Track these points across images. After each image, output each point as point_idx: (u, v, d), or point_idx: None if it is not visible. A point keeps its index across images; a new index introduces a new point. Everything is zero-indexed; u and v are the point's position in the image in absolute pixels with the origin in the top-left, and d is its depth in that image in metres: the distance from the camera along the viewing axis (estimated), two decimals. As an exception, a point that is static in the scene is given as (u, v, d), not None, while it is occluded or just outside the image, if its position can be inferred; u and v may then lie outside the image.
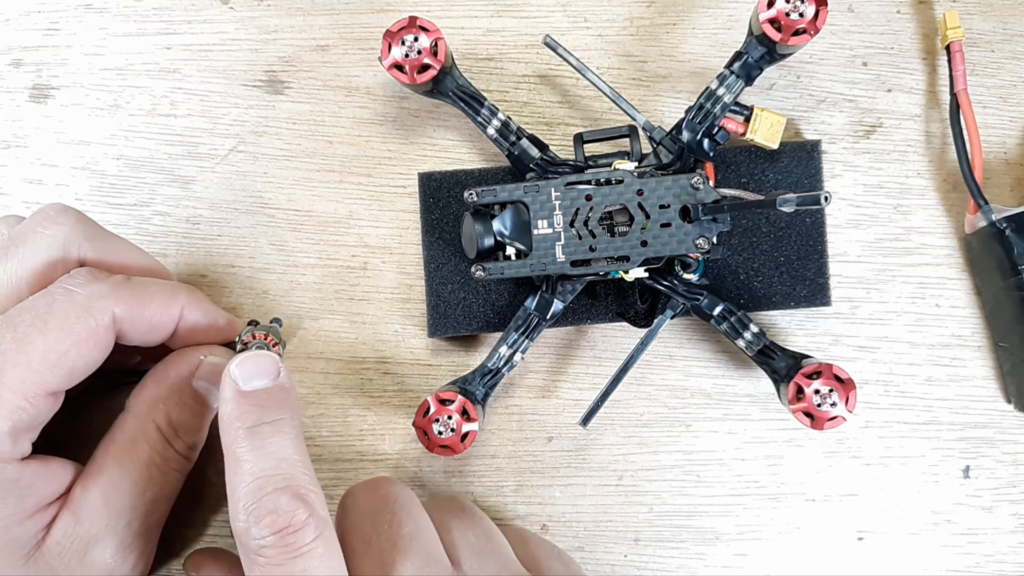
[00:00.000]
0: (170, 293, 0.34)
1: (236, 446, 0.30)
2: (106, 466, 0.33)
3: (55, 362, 0.30)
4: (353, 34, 0.40)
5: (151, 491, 0.33)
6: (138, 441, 0.33)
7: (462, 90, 0.37)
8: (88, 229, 0.34)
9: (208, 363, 0.35)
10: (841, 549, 0.40)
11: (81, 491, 0.32)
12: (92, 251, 0.33)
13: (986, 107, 0.40)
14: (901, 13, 0.40)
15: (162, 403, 0.34)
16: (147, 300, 0.32)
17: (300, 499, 0.29)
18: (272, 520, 0.28)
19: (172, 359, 0.35)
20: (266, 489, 0.29)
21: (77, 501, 0.32)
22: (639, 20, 0.40)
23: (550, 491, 0.40)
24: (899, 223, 0.40)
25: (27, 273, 0.32)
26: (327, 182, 0.40)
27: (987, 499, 0.39)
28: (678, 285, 0.36)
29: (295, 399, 0.33)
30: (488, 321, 0.39)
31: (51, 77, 0.41)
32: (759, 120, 0.36)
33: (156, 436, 0.34)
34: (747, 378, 0.40)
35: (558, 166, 0.37)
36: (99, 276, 0.32)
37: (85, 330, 0.30)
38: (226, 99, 0.41)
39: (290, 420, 0.31)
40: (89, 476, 0.32)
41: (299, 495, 0.29)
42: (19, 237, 0.33)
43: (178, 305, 0.34)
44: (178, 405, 0.34)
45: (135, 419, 0.34)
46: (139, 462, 0.33)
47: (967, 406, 0.40)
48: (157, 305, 0.33)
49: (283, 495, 0.29)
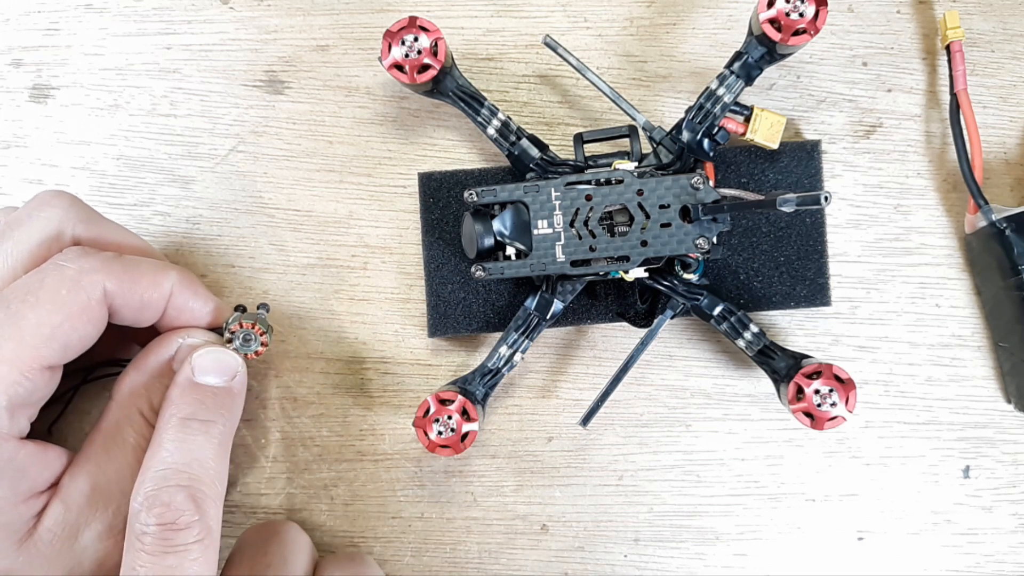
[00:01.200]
0: (161, 271, 0.34)
1: (163, 431, 0.32)
2: (92, 454, 0.33)
3: (48, 335, 0.30)
4: (353, 34, 0.40)
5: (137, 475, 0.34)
6: (123, 427, 0.34)
7: (462, 90, 0.37)
8: (82, 212, 0.34)
9: (186, 346, 0.35)
10: (841, 549, 0.40)
11: (69, 479, 0.33)
12: (86, 231, 0.34)
13: (986, 107, 0.40)
14: (901, 13, 0.40)
15: (144, 388, 0.34)
16: (138, 276, 0.33)
17: (194, 501, 0.30)
18: (161, 512, 0.30)
19: (152, 345, 0.35)
20: (169, 481, 0.30)
21: (66, 490, 0.32)
22: (639, 20, 0.40)
23: (550, 491, 0.40)
24: (899, 223, 0.40)
25: (22, 254, 0.32)
26: (327, 182, 0.40)
27: (987, 499, 0.39)
28: (678, 285, 0.36)
29: (238, 407, 0.34)
30: (488, 321, 0.39)
31: (51, 77, 0.41)
32: (759, 120, 0.36)
33: (140, 421, 0.34)
34: (747, 378, 0.40)
35: (558, 166, 0.37)
36: (89, 252, 0.32)
37: (77, 303, 0.31)
38: (226, 99, 0.41)
39: (222, 425, 0.33)
40: (77, 464, 0.33)
41: (195, 497, 0.30)
42: (15, 221, 0.33)
43: (168, 283, 0.34)
44: (159, 390, 0.34)
45: (118, 406, 0.34)
46: (124, 447, 0.34)
47: (967, 406, 0.40)
48: (148, 281, 0.33)
49: (180, 492, 0.30)
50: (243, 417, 0.40)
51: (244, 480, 0.40)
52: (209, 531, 0.30)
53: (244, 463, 0.40)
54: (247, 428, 0.40)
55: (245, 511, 0.40)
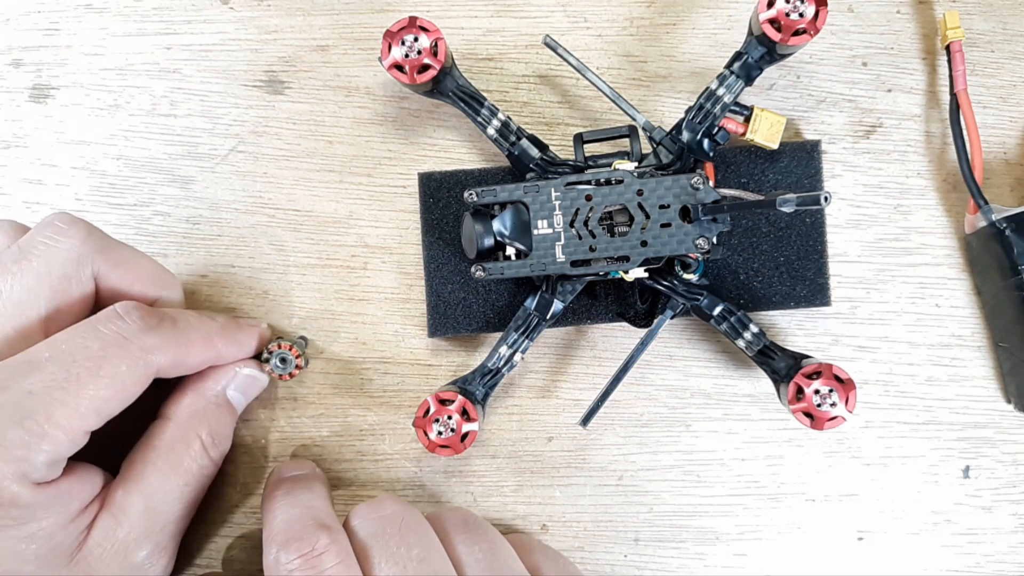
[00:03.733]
0: (208, 337, 0.35)
1: (271, 503, 0.35)
2: (147, 473, 0.34)
3: (99, 408, 0.31)
4: (353, 34, 0.40)
5: (186, 497, 0.35)
6: (179, 450, 0.35)
7: (462, 90, 0.37)
8: (99, 242, 0.34)
9: (243, 375, 0.37)
10: (841, 549, 0.40)
11: (123, 495, 0.33)
12: (104, 264, 0.34)
13: (986, 107, 0.40)
14: (901, 13, 0.40)
15: (203, 414, 0.36)
16: (190, 348, 0.34)
17: (324, 527, 0.32)
18: (298, 546, 0.32)
19: (209, 372, 0.37)
20: (295, 525, 0.33)
21: (119, 505, 0.33)
22: (639, 20, 0.40)
23: (550, 491, 0.40)
24: (899, 223, 0.40)
25: (44, 289, 0.33)
26: (327, 182, 0.40)
27: (987, 499, 0.39)
28: (678, 285, 0.36)
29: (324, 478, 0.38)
30: (488, 321, 0.39)
31: (51, 77, 0.41)
32: (759, 120, 0.36)
33: (198, 446, 0.35)
34: (747, 378, 0.40)
35: (558, 166, 0.37)
36: (150, 323, 0.33)
37: (133, 381, 0.32)
38: (226, 99, 0.41)
39: (320, 481, 0.37)
40: (131, 481, 0.34)
41: (323, 524, 0.33)
42: (29, 250, 0.33)
43: (215, 349, 0.36)
44: (216, 416, 0.36)
45: (177, 428, 0.35)
46: (179, 470, 0.35)
47: (967, 406, 0.40)
48: (198, 352, 0.35)
49: (309, 525, 0.32)
50: (243, 417, 0.40)
51: (244, 480, 0.40)
52: (348, 553, 0.33)
53: (244, 463, 0.40)
54: (247, 428, 0.40)
55: (245, 511, 0.40)
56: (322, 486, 0.37)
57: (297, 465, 0.38)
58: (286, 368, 0.38)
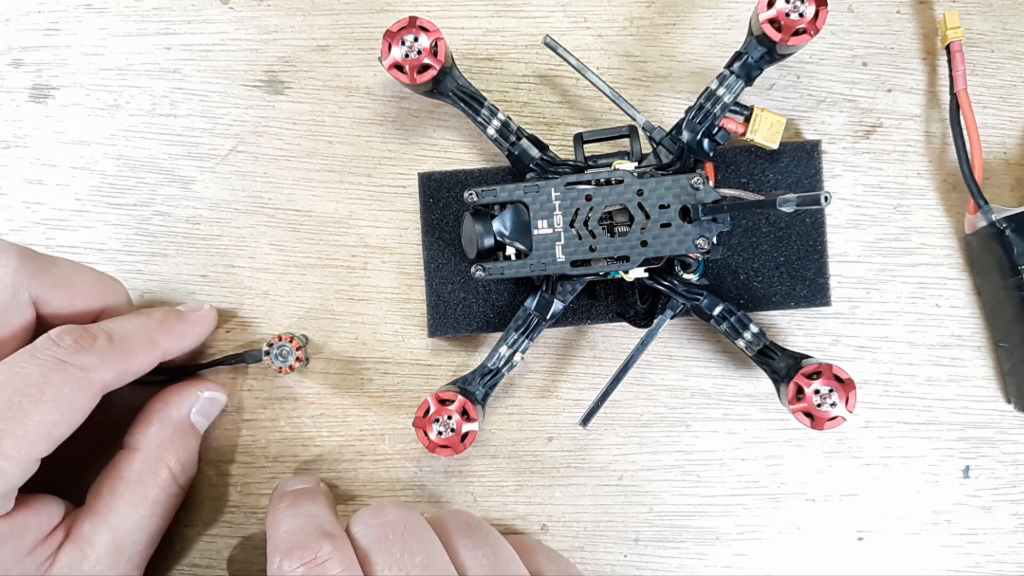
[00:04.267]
0: (149, 339, 0.35)
1: (275, 514, 0.35)
2: (115, 505, 0.34)
3: (47, 433, 0.31)
4: (353, 34, 0.40)
5: (153, 527, 0.35)
6: (147, 481, 0.35)
7: (462, 90, 0.37)
8: (32, 266, 0.34)
9: (205, 399, 0.38)
10: (841, 549, 0.40)
11: (90, 528, 0.33)
12: (41, 287, 0.34)
13: (986, 107, 0.40)
14: (901, 13, 0.40)
15: (170, 443, 0.36)
16: (132, 358, 0.34)
17: (327, 535, 0.32)
18: (301, 553, 0.32)
19: (172, 398, 0.37)
20: (298, 534, 0.33)
21: (86, 538, 0.33)
22: (639, 20, 0.40)
23: (550, 491, 0.40)
24: (899, 223, 0.40)
25: None
26: (327, 182, 0.40)
27: (987, 499, 0.39)
28: (678, 285, 0.36)
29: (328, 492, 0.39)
30: (488, 321, 0.39)
31: (51, 77, 0.41)
32: (759, 120, 0.36)
33: (166, 475, 0.36)
34: (747, 378, 0.40)
35: (558, 166, 0.37)
36: (85, 344, 0.33)
37: (79, 402, 0.31)
38: (226, 99, 0.41)
39: (323, 494, 0.37)
40: (98, 513, 0.34)
41: (326, 532, 0.33)
42: None
43: (159, 349, 0.35)
44: (183, 443, 0.37)
45: (145, 459, 0.35)
46: (147, 501, 0.35)
47: (967, 406, 0.40)
48: (141, 357, 0.34)
49: (312, 534, 0.33)
50: (243, 417, 0.40)
51: (244, 480, 0.40)
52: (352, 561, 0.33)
53: (244, 463, 0.40)
54: (247, 428, 0.40)
55: (245, 511, 0.40)
56: (326, 499, 0.37)
57: (301, 479, 0.39)
58: (285, 361, 0.38)
